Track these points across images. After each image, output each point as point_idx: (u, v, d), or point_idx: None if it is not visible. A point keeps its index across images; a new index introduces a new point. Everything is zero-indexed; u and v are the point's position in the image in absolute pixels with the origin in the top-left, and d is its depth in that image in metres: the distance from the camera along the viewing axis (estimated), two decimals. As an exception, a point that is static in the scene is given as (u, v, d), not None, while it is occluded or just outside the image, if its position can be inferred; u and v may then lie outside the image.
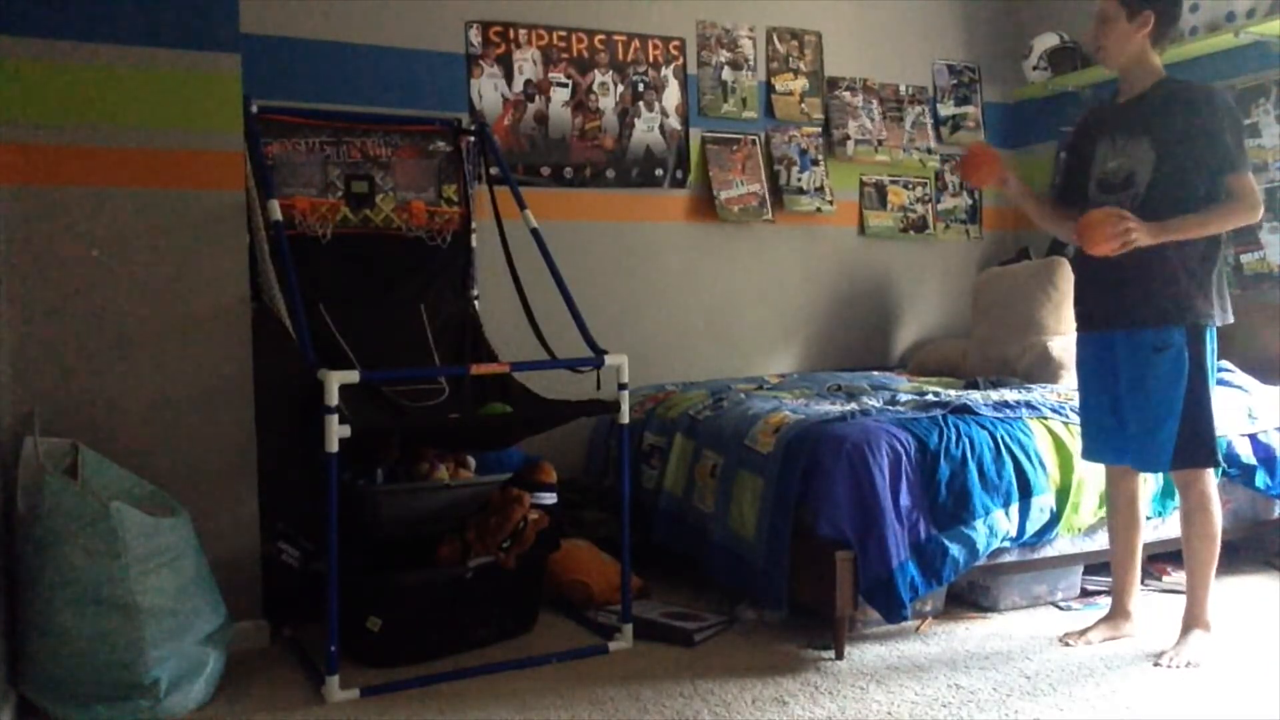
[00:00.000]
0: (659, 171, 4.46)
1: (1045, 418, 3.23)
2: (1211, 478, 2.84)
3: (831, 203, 4.77)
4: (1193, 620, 2.86)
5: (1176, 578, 3.42)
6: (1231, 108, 2.79)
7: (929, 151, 5.03)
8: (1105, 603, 3.25)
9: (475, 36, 4.15)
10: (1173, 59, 4.32)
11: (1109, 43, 2.85)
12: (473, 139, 3.72)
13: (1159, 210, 2.74)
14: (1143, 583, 3.42)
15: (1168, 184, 2.75)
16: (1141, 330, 2.79)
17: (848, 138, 4.83)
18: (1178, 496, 2.93)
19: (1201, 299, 2.76)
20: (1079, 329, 3.03)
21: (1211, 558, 2.83)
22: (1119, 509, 3.01)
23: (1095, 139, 2.93)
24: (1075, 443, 3.14)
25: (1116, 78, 2.97)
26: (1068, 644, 2.95)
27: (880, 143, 4.90)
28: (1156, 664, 2.79)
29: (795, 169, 4.71)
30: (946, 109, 5.10)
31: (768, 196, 4.62)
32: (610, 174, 4.37)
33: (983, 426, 3.10)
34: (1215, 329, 2.81)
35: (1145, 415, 2.80)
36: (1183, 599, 2.92)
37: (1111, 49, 2.86)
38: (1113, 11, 2.81)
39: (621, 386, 3.02)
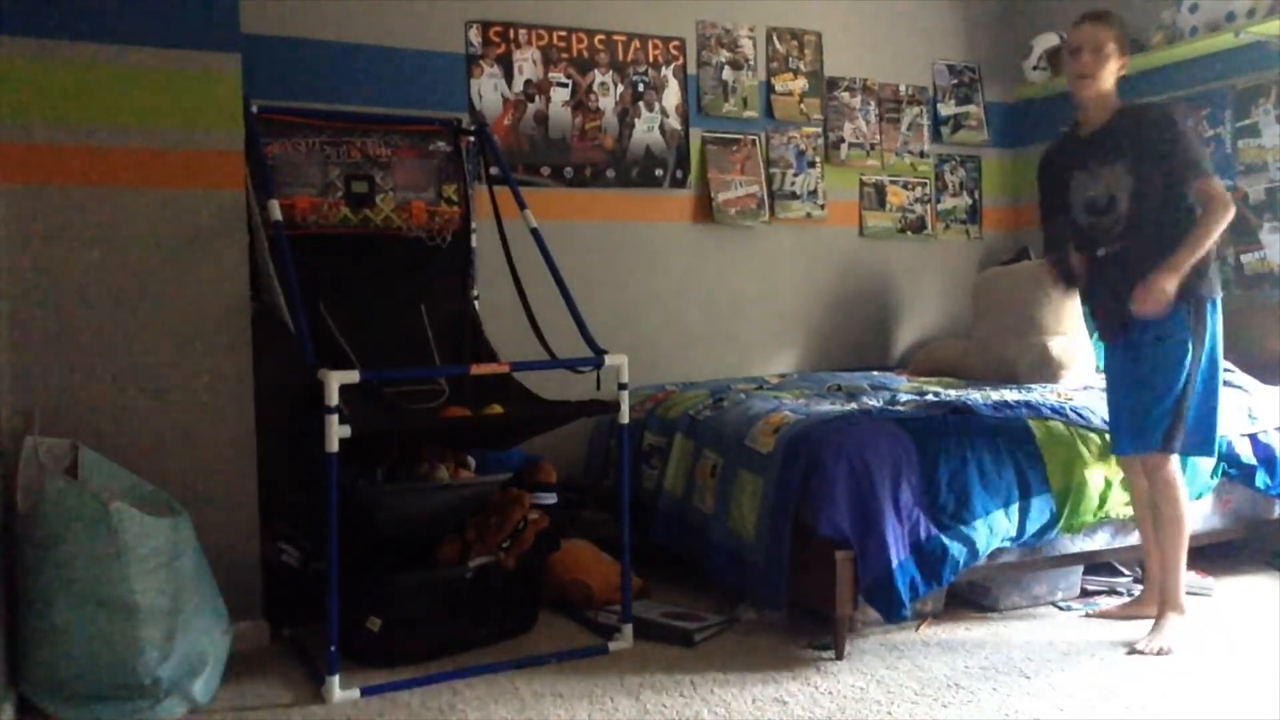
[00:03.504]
0: (659, 171, 4.46)
1: (1045, 418, 3.22)
2: (1176, 463, 2.94)
3: (823, 207, 4.76)
4: (1166, 604, 2.95)
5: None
6: (1183, 121, 3.00)
7: (922, 155, 5.03)
8: (1105, 603, 3.32)
9: (475, 36, 4.15)
10: (1173, 59, 4.33)
11: (1102, 74, 2.96)
12: (472, 139, 3.72)
13: (1143, 226, 2.91)
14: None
15: (1148, 203, 2.90)
16: (1146, 323, 2.88)
17: (842, 140, 4.83)
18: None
19: (1200, 279, 2.88)
20: (1100, 339, 3.18)
21: (1181, 542, 2.94)
22: (1136, 502, 3.13)
23: (1067, 170, 3.09)
24: (1075, 443, 3.15)
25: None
26: (1089, 617, 3.10)
27: (873, 147, 4.90)
28: (1131, 652, 2.85)
29: (790, 172, 4.70)
30: (947, 109, 5.10)
31: (766, 197, 4.63)
32: (610, 174, 4.37)
33: (983, 426, 3.10)
34: (1217, 304, 2.93)
35: (1141, 393, 2.91)
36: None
37: (1099, 82, 2.97)
38: (1109, 48, 2.95)
39: (621, 386, 3.02)
